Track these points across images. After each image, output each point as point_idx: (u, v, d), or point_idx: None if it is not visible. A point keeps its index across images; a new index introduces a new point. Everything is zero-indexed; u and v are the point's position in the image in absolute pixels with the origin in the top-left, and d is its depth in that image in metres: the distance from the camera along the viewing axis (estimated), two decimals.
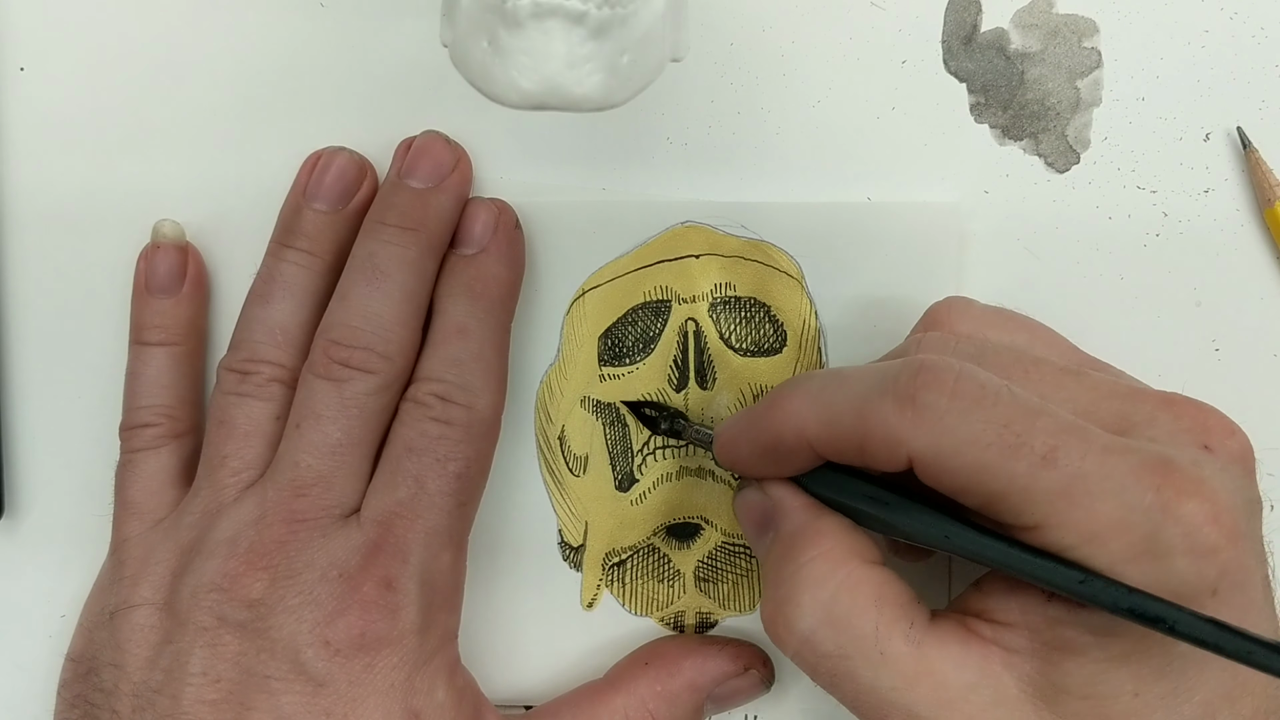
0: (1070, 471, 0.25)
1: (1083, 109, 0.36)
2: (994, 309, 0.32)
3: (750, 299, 0.36)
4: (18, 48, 0.37)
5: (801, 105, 0.36)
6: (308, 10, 0.36)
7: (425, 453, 0.32)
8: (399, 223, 0.33)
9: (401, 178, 0.34)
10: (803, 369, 0.36)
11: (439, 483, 0.32)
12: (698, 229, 0.36)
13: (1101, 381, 0.28)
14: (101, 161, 0.37)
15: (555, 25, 0.26)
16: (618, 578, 0.36)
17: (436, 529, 0.31)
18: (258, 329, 0.34)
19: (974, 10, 0.36)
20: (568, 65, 0.26)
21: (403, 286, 0.33)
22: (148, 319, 0.35)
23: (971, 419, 0.26)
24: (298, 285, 0.34)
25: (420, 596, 0.31)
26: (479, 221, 0.34)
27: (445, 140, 0.35)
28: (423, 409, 0.32)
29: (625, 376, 0.36)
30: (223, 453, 0.33)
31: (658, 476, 0.36)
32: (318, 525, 0.31)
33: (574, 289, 0.36)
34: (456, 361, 0.33)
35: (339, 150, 0.35)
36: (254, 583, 0.30)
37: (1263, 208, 0.35)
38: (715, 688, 0.35)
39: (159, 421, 0.34)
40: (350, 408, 0.32)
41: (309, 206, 0.34)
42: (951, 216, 0.35)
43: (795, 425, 0.29)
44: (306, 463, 0.32)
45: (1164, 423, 0.27)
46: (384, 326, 0.32)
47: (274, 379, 0.33)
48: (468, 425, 0.32)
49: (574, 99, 0.27)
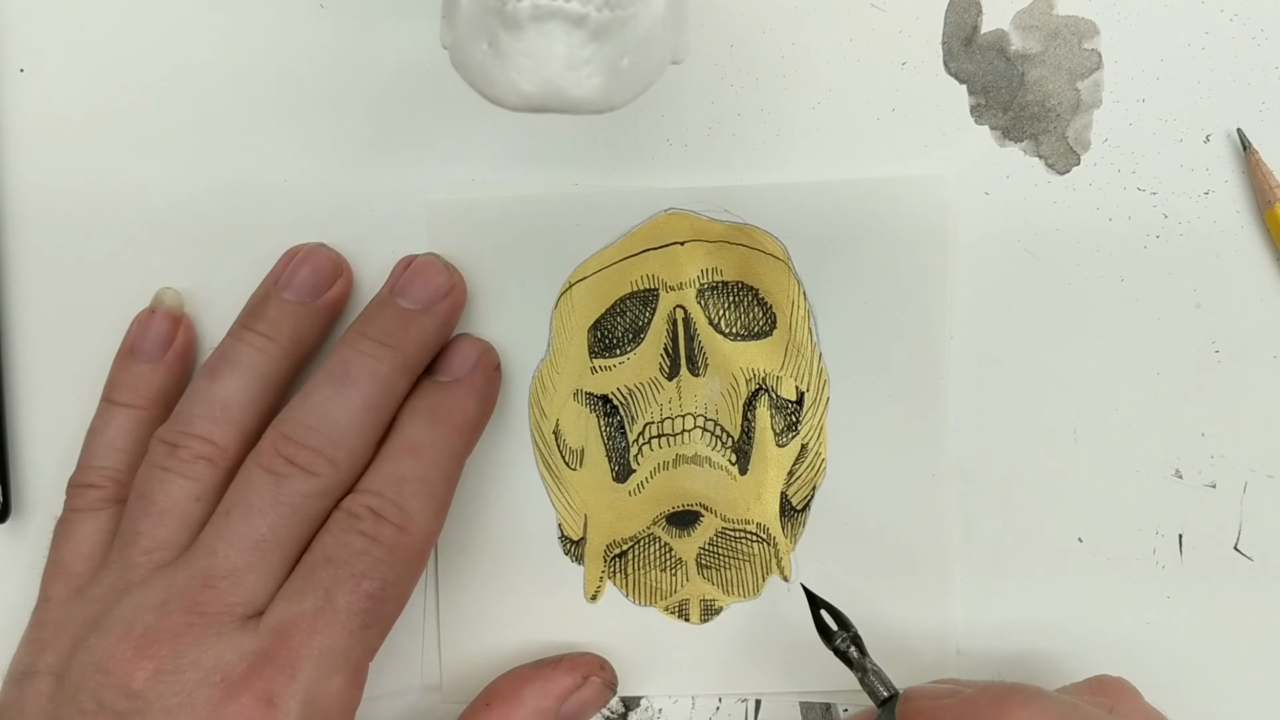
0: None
1: (1083, 110, 0.36)
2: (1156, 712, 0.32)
3: (738, 283, 0.36)
4: (18, 48, 0.37)
5: (801, 107, 0.36)
6: (308, 11, 0.36)
7: (343, 565, 0.31)
8: (379, 337, 0.33)
9: (393, 295, 0.34)
10: (793, 350, 0.36)
11: (348, 599, 0.30)
12: (681, 215, 0.36)
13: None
14: (101, 161, 0.37)
15: (555, 27, 0.26)
16: (620, 569, 0.37)
17: (333, 649, 0.30)
18: (199, 403, 0.33)
19: (974, 12, 0.36)
20: (568, 67, 0.26)
21: (366, 397, 0.32)
22: (121, 379, 0.35)
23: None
24: (248, 366, 0.34)
25: (300, 718, 0.30)
26: (460, 354, 0.35)
27: (444, 265, 0.35)
28: (353, 520, 0.31)
29: (617, 367, 0.36)
30: (137, 529, 0.32)
31: (654, 465, 0.36)
32: (216, 622, 0.30)
33: (560, 282, 0.36)
34: (400, 479, 0.32)
35: (319, 247, 0.35)
36: (138, 671, 0.29)
37: (1263, 209, 0.35)
38: (561, 707, 0.35)
39: (104, 484, 0.34)
40: (284, 505, 0.31)
41: (277, 294, 0.34)
42: (935, 188, 0.36)
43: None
44: (224, 553, 0.31)
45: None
46: (338, 432, 0.32)
47: (202, 456, 0.32)
48: (393, 546, 0.31)
49: (574, 101, 0.27)
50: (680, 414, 0.36)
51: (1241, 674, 0.36)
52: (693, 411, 0.36)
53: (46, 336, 0.37)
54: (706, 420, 0.36)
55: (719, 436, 0.36)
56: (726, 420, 0.36)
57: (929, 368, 0.36)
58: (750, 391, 0.36)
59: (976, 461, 0.36)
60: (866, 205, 0.36)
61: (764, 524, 0.36)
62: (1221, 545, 0.36)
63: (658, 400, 0.36)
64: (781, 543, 0.36)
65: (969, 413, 0.36)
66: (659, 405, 0.36)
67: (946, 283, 0.36)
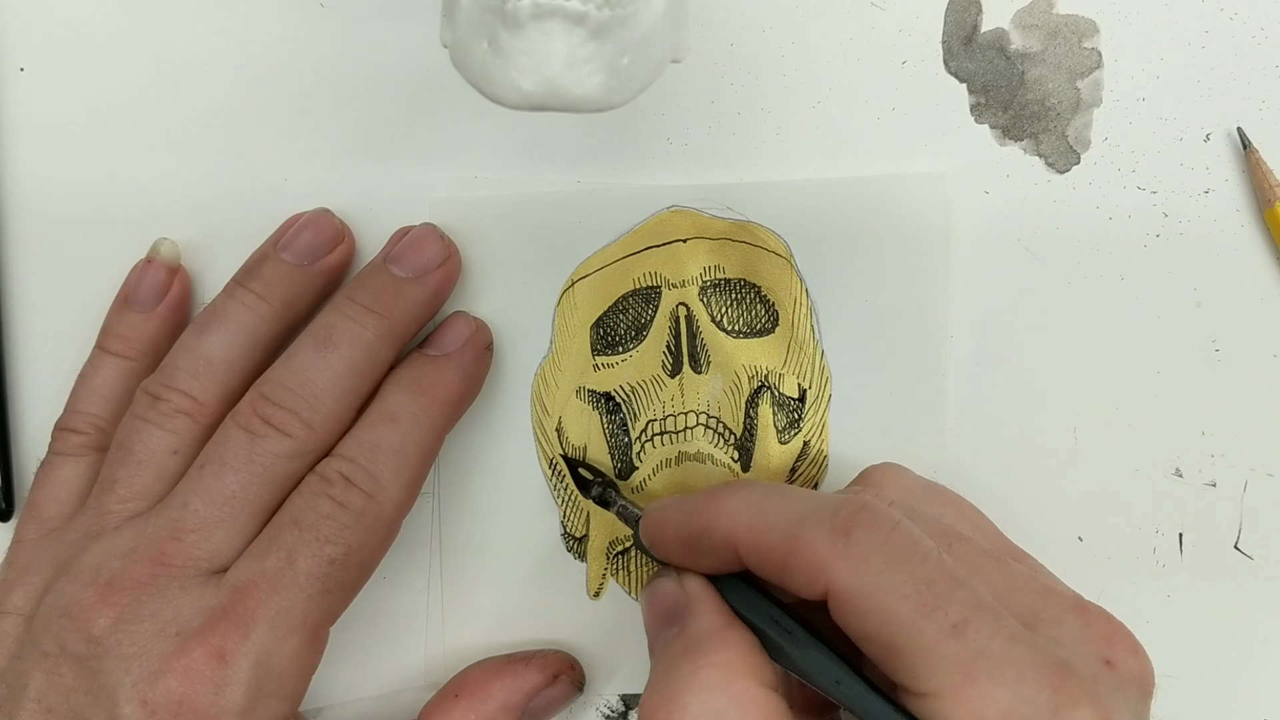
0: (976, 648, 0.25)
1: (1083, 109, 0.36)
2: (927, 482, 0.32)
3: (740, 280, 0.36)
4: (18, 48, 0.37)
5: (802, 105, 0.36)
6: (308, 10, 0.36)
7: (308, 529, 0.31)
8: (367, 303, 0.33)
9: (386, 262, 0.34)
10: (795, 347, 0.36)
11: (309, 563, 0.30)
12: (684, 213, 0.36)
13: (1020, 573, 0.28)
14: (101, 162, 0.37)
15: (555, 26, 0.26)
16: (623, 566, 0.37)
17: (290, 610, 0.30)
18: (184, 357, 0.33)
19: (974, 10, 0.36)
20: (568, 66, 0.26)
21: (349, 362, 0.32)
22: (114, 327, 0.35)
23: (897, 568, 0.26)
24: (236, 324, 0.34)
25: (251, 677, 0.30)
26: (452, 331, 0.35)
27: (439, 236, 0.35)
28: (323, 484, 0.31)
29: (619, 365, 0.36)
30: (114, 476, 0.32)
31: (657, 463, 0.36)
32: (180, 575, 0.30)
33: (563, 280, 0.36)
34: (374, 447, 0.32)
35: (322, 212, 0.35)
36: (99, 618, 0.30)
37: (1263, 208, 0.35)
38: (529, 703, 0.35)
39: (87, 430, 0.34)
40: (256, 464, 0.31)
41: (276, 255, 0.34)
42: (937, 185, 0.36)
43: (727, 524, 0.28)
44: (195, 506, 0.31)
45: (1071, 627, 0.27)
46: (315, 395, 0.32)
47: (182, 410, 0.33)
48: (361, 513, 0.31)
49: (574, 100, 0.27)
50: (683, 411, 0.36)
51: (1241, 674, 0.36)
52: (695, 409, 0.36)
53: (47, 336, 0.37)
54: (709, 418, 0.36)
55: (721, 434, 0.36)
56: (729, 418, 0.36)
57: (930, 364, 0.36)
58: (753, 389, 0.36)
59: (976, 460, 0.36)
60: (869, 202, 0.36)
61: None
62: (1221, 544, 0.36)
63: (660, 398, 0.36)
64: None
65: (969, 411, 0.36)
66: (661, 403, 0.36)
67: (949, 280, 0.36)
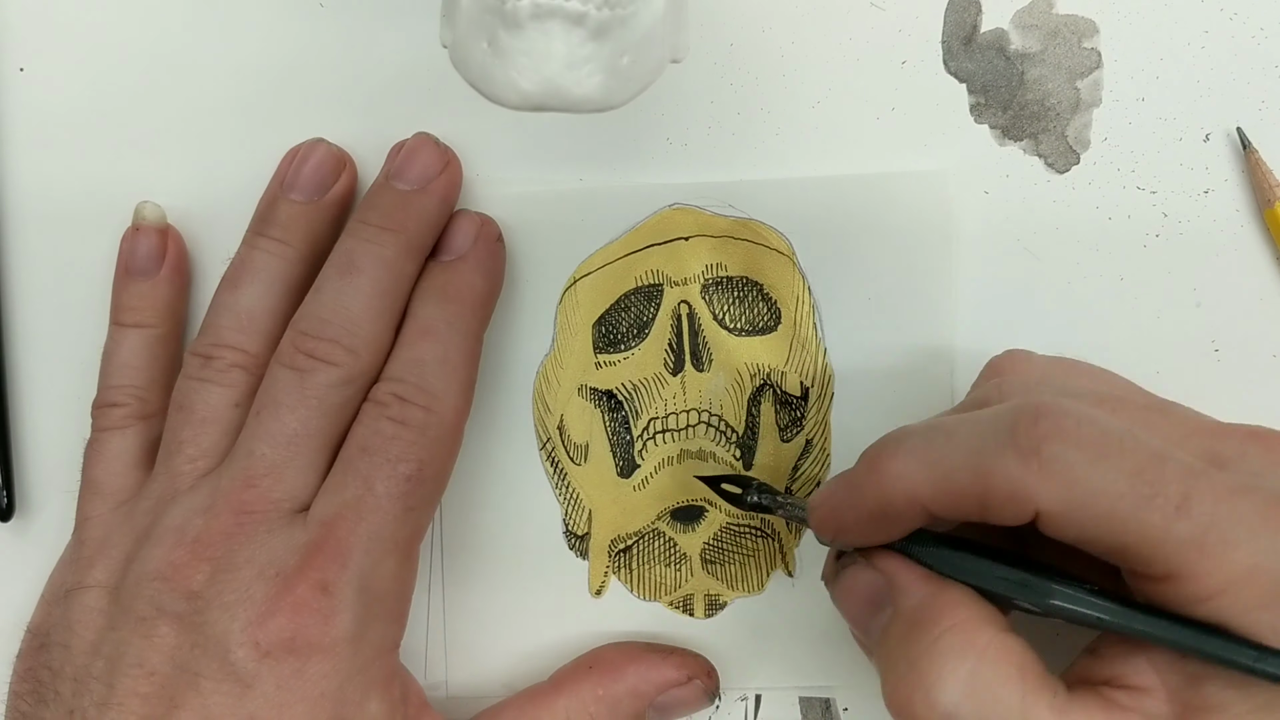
0: (1204, 521, 0.24)
1: (1083, 109, 0.36)
2: (1054, 357, 0.32)
3: (742, 278, 0.36)
4: (18, 48, 0.37)
5: (801, 105, 0.36)
6: (307, 10, 0.36)
7: (377, 453, 0.31)
8: (380, 222, 0.33)
9: (389, 179, 0.34)
10: (798, 345, 0.36)
11: (387, 485, 0.31)
12: (686, 211, 0.36)
13: (1185, 417, 0.27)
14: (101, 161, 0.37)
15: (555, 26, 0.26)
16: (624, 564, 0.37)
17: (380, 534, 0.31)
18: (224, 314, 0.34)
19: (974, 11, 0.36)
20: (567, 66, 0.26)
21: (376, 283, 0.33)
22: (125, 300, 0.35)
23: (1102, 469, 0.25)
24: (267, 272, 0.34)
25: (357, 603, 0.30)
26: (460, 231, 0.35)
27: (435, 143, 0.35)
28: (380, 408, 0.32)
29: (621, 362, 0.36)
30: (180, 438, 0.33)
31: (659, 461, 0.36)
32: (264, 519, 0.31)
33: (565, 278, 0.36)
34: (419, 363, 0.32)
35: (318, 142, 0.35)
36: (195, 574, 0.30)
37: (1262, 208, 0.35)
38: (658, 695, 0.35)
39: (127, 402, 0.35)
40: (310, 398, 0.32)
41: (285, 197, 0.35)
42: (938, 183, 0.36)
43: (905, 488, 0.27)
44: (260, 451, 0.31)
45: (1258, 456, 0.26)
46: (352, 320, 0.32)
47: (235, 364, 0.33)
48: (423, 427, 0.32)
49: (574, 100, 0.27)
50: (685, 409, 0.36)
51: None
52: (697, 407, 0.36)
53: (47, 336, 0.37)
54: (711, 416, 0.36)
55: (723, 432, 0.36)
56: (731, 416, 0.36)
57: (933, 362, 0.36)
58: (755, 387, 0.36)
59: None
60: (871, 200, 0.36)
61: (768, 519, 0.36)
62: None
63: (662, 395, 0.36)
64: (786, 538, 0.36)
65: None
66: (663, 400, 0.36)
67: (951, 277, 0.36)
